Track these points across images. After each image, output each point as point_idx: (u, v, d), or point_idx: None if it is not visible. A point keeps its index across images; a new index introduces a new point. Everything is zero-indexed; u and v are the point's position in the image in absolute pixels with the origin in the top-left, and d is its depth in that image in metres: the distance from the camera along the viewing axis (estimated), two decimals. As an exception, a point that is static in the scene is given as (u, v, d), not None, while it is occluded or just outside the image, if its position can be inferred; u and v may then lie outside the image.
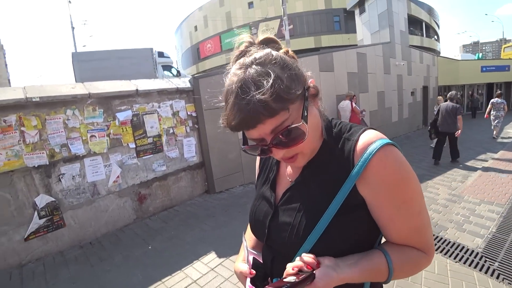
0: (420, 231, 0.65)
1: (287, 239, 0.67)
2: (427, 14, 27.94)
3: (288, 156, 0.64)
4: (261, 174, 0.88)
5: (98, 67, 9.87)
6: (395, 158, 0.61)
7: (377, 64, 9.32)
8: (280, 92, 0.54)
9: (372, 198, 0.62)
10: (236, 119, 0.55)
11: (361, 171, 0.60)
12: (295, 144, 0.60)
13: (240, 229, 3.52)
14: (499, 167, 5.22)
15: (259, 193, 0.83)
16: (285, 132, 0.57)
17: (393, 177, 0.60)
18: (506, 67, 18.27)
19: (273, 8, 24.29)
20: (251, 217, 0.83)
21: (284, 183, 0.77)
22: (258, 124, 0.55)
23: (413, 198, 0.63)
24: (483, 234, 2.96)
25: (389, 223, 0.64)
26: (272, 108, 0.53)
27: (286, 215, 0.70)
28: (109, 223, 3.79)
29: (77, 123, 3.45)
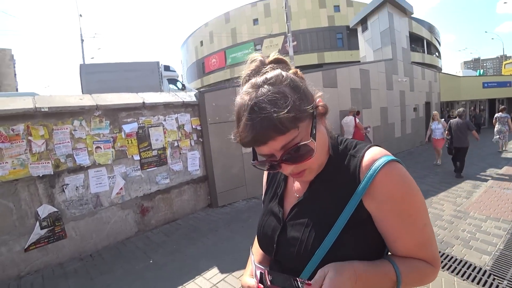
0: (426, 245, 0.66)
1: (295, 254, 0.68)
2: (428, 31, 28.52)
3: (296, 171, 0.66)
4: (268, 189, 0.90)
5: (105, 79, 10.07)
6: (400, 174, 0.63)
7: (380, 80, 9.42)
8: (291, 111, 0.56)
9: (378, 212, 0.64)
10: (249, 136, 0.58)
11: (367, 187, 0.62)
12: (304, 160, 0.62)
13: (243, 244, 3.48)
14: (504, 183, 5.17)
15: (267, 209, 0.84)
16: (294, 149, 0.60)
17: (398, 192, 0.62)
18: (508, 83, 18.40)
19: (277, 25, 24.91)
20: (259, 232, 0.83)
21: (292, 199, 0.78)
22: (269, 141, 0.58)
23: (418, 212, 0.64)
24: (490, 251, 2.90)
25: (395, 237, 0.65)
26: (283, 126, 0.56)
27: (294, 230, 0.71)
28: (110, 235, 3.77)
29: (84, 134, 3.50)
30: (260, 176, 4.18)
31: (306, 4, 24.84)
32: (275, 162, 0.62)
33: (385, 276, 0.63)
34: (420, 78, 12.39)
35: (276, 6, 24.77)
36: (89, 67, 11.01)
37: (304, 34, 24.80)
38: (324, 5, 24.81)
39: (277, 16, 24.98)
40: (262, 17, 26.47)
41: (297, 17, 23.85)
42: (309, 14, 24.94)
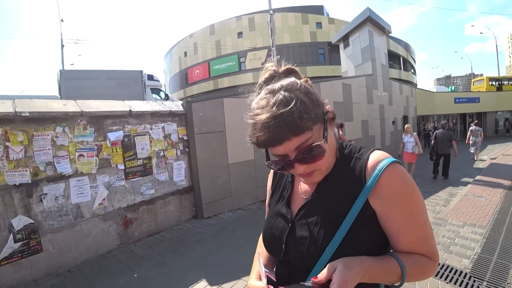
0: (426, 239, 0.71)
1: (305, 252, 0.70)
2: (404, 49, 30.19)
3: (307, 171, 0.69)
4: (274, 193, 0.92)
5: (86, 86, 9.80)
6: (402, 174, 0.68)
7: (361, 95, 9.82)
8: (305, 114, 0.61)
9: (382, 209, 0.68)
10: (265, 136, 0.61)
11: (373, 186, 0.67)
12: (316, 160, 0.66)
13: (231, 256, 3.43)
14: (478, 191, 5.45)
15: (274, 211, 0.86)
16: (308, 150, 0.64)
17: (401, 190, 0.67)
18: (476, 99, 19.77)
19: (261, 38, 25.46)
20: (266, 234, 0.84)
21: (299, 200, 0.81)
22: (285, 141, 0.62)
23: (418, 209, 0.69)
24: (469, 255, 3.03)
25: (399, 232, 0.69)
26: (299, 128, 0.60)
27: (303, 229, 0.73)
28: (91, 248, 3.58)
29: (66, 141, 3.36)
30: (246, 188, 4.29)
31: (290, 20, 25.68)
32: (289, 162, 0.66)
33: (390, 270, 0.66)
34: (398, 93, 13.02)
35: (261, 21, 25.43)
36: (69, 73, 10.70)
37: (288, 48, 25.49)
38: (307, 21, 25.77)
39: (261, 30, 25.59)
40: (246, 30, 27.01)
41: (281, 32, 24.53)
42: (292, 30, 25.76)
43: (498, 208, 4.41)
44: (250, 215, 5.12)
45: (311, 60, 25.80)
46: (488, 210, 4.37)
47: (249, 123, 0.67)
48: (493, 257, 2.93)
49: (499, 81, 22.87)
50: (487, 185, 5.94)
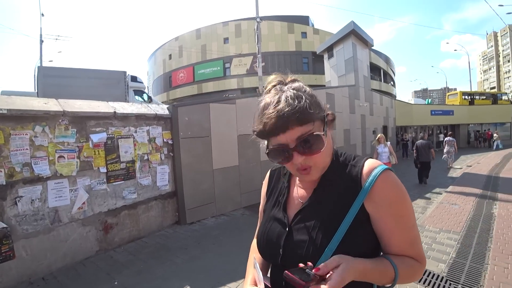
0: (415, 242, 0.76)
1: (304, 256, 0.71)
2: (385, 62, 31.47)
3: (304, 165, 0.72)
4: (269, 199, 0.94)
5: (65, 84, 9.42)
6: (394, 180, 0.73)
7: (344, 104, 10.11)
8: (309, 108, 0.68)
9: (376, 213, 0.72)
10: (273, 124, 0.67)
11: (368, 191, 0.72)
12: (315, 152, 0.70)
13: (215, 262, 3.39)
14: (452, 199, 5.74)
15: (269, 216, 0.87)
16: (308, 139, 0.69)
17: (393, 196, 0.72)
18: (451, 111, 20.91)
19: (247, 45, 25.70)
20: (261, 239, 0.84)
21: (296, 205, 0.83)
22: (288, 130, 0.67)
23: (408, 214, 0.74)
24: (445, 260, 3.18)
25: (390, 235, 0.73)
26: (302, 118, 0.67)
27: (301, 233, 0.75)
28: (67, 255, 3.42)
29: (46, 141, 3.22)
30: (230, 193, 4.29)
31: (276, 29, 26.13)
32: (290, 150, 0.70)
33: (385, 271, 0.70)
34: (378, 103, 13.51)
35: (247, 27, 25.70)
36: (48, 70, 10.25)
37: (273, 56, 25.85)
38: (293, 31, 26.33)
39: (247, 37, 25.84)
40: (232, 36, 27.18)
41: (267, 39, 24.88)
42: (278, 38, 26.21)
43: (470, 215, 4.65)
44: (233, 221, 5.09)
45: (295, 68, 26.27)
46: (461, 217, 4.60)
47: (256, 115, 0.73)
48: (467, 261, 3.09)
49: (471, 95, 24.35)
50: (460, 193, 6.26)
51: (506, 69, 68.47)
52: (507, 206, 5.06)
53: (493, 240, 3.61)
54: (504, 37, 67.81)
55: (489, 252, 3.28)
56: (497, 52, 72.24)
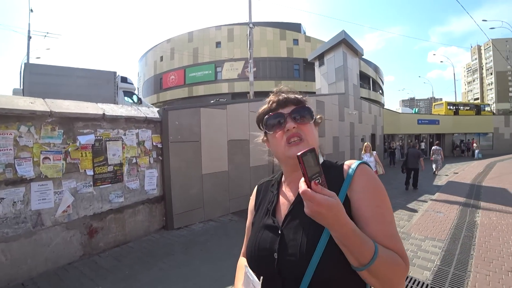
0: (394, 238, 0.72)
1: (298, 255, 0.72)
2: (374, 71, 32.22)
3: (295, 132, 0.81)
4: (257, 211, 0.94)
5: (53, 83, 9.20)
6: (370, 172, 0.81)
7: (333, 112, 10.25)
8: (303, 99, 0.89)
9: (355, 199, 0.76)
10: (275, 102, 0.87)
11: (350, 181, 0.78)
12: (305, 121, 0.83)
13: (202, 269, 3.35)
14: (437, 207, 5.87)
15: (260, 225, 0.87)
16: (300, 109, 0.85)
17: (368, 184, 0.77)
18: (437, 121, 21.53)
19: (239, 50, 25.84)
20: (253, 248, 0.83)
21: (285, 209, 0.84)
22: (286, 107, 0.86)
23: (385, 207, 0.75)
24: (430, 267, 3.23)
25: (366, 223, 0.71)
26: (298, 101, 0.87)
27: (292, 233, 0.76)
28: (49, 260, 3.31)
29: (31, 142, 3.13)
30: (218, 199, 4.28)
31: (268, 35, 26.40)
32: (285, 114, 0.83)
33: (365, 243, 0.65)
34: (367, 112, 13.77)
35: (240, 32, 25.86)
36: (35, 68, 9.99)
37: (264, 62, 26.08)
38: (285, 37, 26.66)
39: (239, 42, 26.00)
40: (225, 41, 27.28)
41: (259, 45, 25.09)
42: (270, 44, 26.48)
43: (454, 223, 4.77)
44: (221, 227, 5.05)
45: (286, 75, 26.58)
46: (446, 225, 4.71)
47: (260, 110, 0.91)
48: (450, 269, 3.15)
49: (456, 106, 25.14)
50: (445, 201, 6.42)
51: (489, 81, 71.14)
52: (489, 214, 5.22)
53: (475, 247, 3.70)
54: (487, 51, 70.60)
55: (472, 259, 3.36)
56: (480, 65, 75.04)
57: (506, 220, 4.83)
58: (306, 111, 0.85)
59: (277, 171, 1.01)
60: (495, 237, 4.05)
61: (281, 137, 0.83)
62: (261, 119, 0.89)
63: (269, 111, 0.87)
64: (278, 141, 0.84)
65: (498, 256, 3.41)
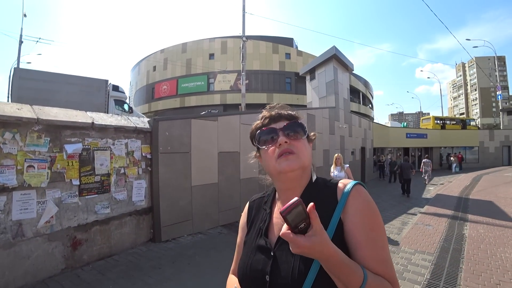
0: (386, 263, 0.73)
1: (290, 279, 0.70)
2: (364, 86, 32.99)
3: (287, 147, 0.80)
4: (250, 230, 0.92)
5: (43, 89, 9.07)
6: (365, 194, 0.78)
7: (324, 125, 10.38)
8: (296, 115, 0.88)
9: (348, 222, 0.74)
10: (268, 117, 0.87)
11: (344, 203, 0.75)
12: (297, 137, 0.82)
13: (189, 284, 3.26)
14: (426, 220, 5.92)
15: (252, 246, 0.85)
16: (292, 124, 0.84)
17: (364, 207, 0.75)
18: (425, 135, 22.07)
19: (232, 62, 26.17)
20: (245, 270, 0.82)
21: (278, 229, 0.82)
22: (279, 122, 0.85)
23: (379, 231, 0.74)
24: (420, 281, 3.23)
25: (359, 246, 0.71)
26: (291, 116, 0.87)
27: (285, 256, 0.74)
28: (29, 273, 3.16)
29: (15, 149, 3.04)
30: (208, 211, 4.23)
31: (261, 48, 26.90)
32: (277, 129, 0.83)
33: (354, 271, 0.66)
34: (357, 125, 13.99)
35: (233, 45, 26.26)
36: (25, 73, 9.86)
37: (257, 74, 26.43)
38: (277, 51, 27.20)
39: (232, 55, 26.37)
40: (218, 53, 27.63)
41: (252, 58, 25.49)
42: (262, 57, 26.94)
43: (443, 236, 4.81)
44: (210, 240, 4.95)
45: (278, 88, 26.96)
46: (435, 237, 4.74)
47: (253, 127, 0.91)
48: (440, 283, 3.15)
49: (443, 120, 25.86)
50: (434, 214, 6.49)
51: (473, 97, 73.73)
52: (477, 227, 5.28)
53: (464, 261, 3.72)
54: (471, 68, 73.51)
55: (461, 273, 3.37)
56: (465, 81, 77.92)
57: (493, 232, 4.90)
58: (299, 126, 0.84)
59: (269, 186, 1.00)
60: (483, 249, 4.09)
61: (273, 152, 0.81)
62: (253, 135, 0.88)
63: (261, 126, 0.86)
64: (270, 157, 0.82)
65: (487, 269, 3.43)
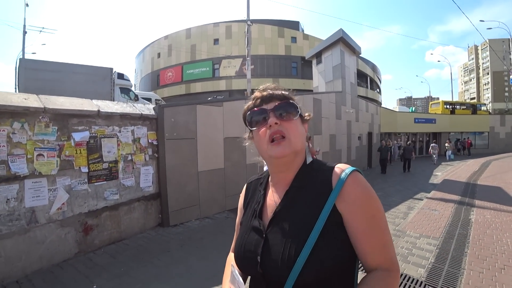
0: (387, 246, 0.74)
1: (280, 262, 0.71)
2: (371, 70, 32.21)
3: (278, 130, 0.78)
4: (246, 210, 0.93)
5: (48, 79, 9.12)
6: (363, 180, 0.76)
7: (330, 110, 10.25)
8: (289, 95, 0.86)
9: (347, 213, 0.73)
10: (260, 97, 0.84)
11: (339, 191, 0.73)
12: (288, 118, 0.80)
13: (197, 266, 3.35)
14: (432, 205, 5.91)
15: (247, 226, 0.86)
16: (283, 104, 0.81)
17: (363, 195, 0.74)
18: (433, 120, 21.64)
19: (237, 47, 25.71)
20: (239, 250, 0.83)
21: (271, 211, 0.82)
22: (270, 102, 0.82)
23: (379, 214, 0.74)
24: (424, 264, 3.27)
25: (363, 235, 0.72)
26: (283, 96, 0.84)
27: (276, 238, 0.75)
28: (44, 257, 3.29)
29: (24, 138, 3.10)
30: (214, 196, 4.29)
31: (266, 32, 26.29)
32: (268, 110, 0.81)
33: None
34: (364, 110, 13.79)
35: (238, 30, 25.73)
36: (31, 63, 9.89)
37: (262, 59, 25.98)
38: (283, 35, 26.56)
39: (237, 39, 25.85)
40: (223, 38, 27.15)
41: (257, 42, 24.98)
42: (268, 42, 26.38)
43: (449, 221, 4.81)
44: (217, 224, 5.05)
45: (284, 72, 26.52)
46: (441, 222, 4.75)
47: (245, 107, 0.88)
48: (444, 266, 3.18)
49: (452, 105, 25.27)
50: (440, 199, 6.47)
51: (485, 81, 71.56)
52: (484, 212, 5.26)
53: (469, 245, 3.73)
54: (484, 51, 70.94)
55: (465, 257, 3.39)
56: (477, 65, 75.44)
57: (500, 218, 4.88)
58: (291, 107, 0.81)
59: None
60: (489, 235, 4.08)
61: (264, 134, 0.79)
62: (245, 116, 0.87)
63: (253, 107, 0.84)
64: (261, 139, 0.81)
65: (492, 253, 3.44)
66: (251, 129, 0.85)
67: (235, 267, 0.84)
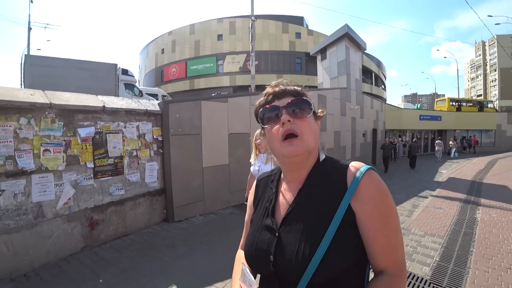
0: (397, 248, 0.74)
1: (294, 261, 0.70)
2: (376, 66, 31.91)
3: (290, 128, 0.76)
4: (256, 208, 0.92)
5: (53, 75, 9.20)
6: (378, 179, 0.75)
7: (335, 106, 10.19)
8: (302, 91, 0.83)
9: (362, 212, 0.72)
10: (272, 93, 0.82)
11: (355, 190, 0.72)
12: (302, 115, 0.78)
13: (202, 261, 3.36)
14: (437, 203, 5.88)
15: (259, 224, 0.85)
16: (297, 101, 0.79)
17: (378, 194, 0.73)
18: (439, 117, 21.42)
19: (241, 43, 25.62)
20: (250, 248, 0.82)
21: (283, 210, 0.81)
22: (283, 98, 0.80)
23: (393, 214, 0.74)
24: (429, 263, 3.25)
25: (374, 236, 0.71)
26: (296, 92, 0.81)
27: (290, 237, 0.74)
28: (51, 251, 3.33)
29: (31, 134, 3.12)
30: (219, 192, 4.29)
31: (270, 28, 26.12)
32: (280, 107, 0.78)
33: None
34: (369, 107, 13.68)
35: (242, 25, 25.59)
36: (36, 59, 9.97)
37: (266, 55, 25.87)
38: (287, 31, 26.38)
39: (241, 35, 25.74)
40: (227, 33, 27.03)
41: (261, 38, 24.83)
42: (272, 37, 26.21)
43: (455, 219, 4.78)
44: (222, 220, 5.07)
45: (288, 68, 26.38)
46: (446, 221, 4.72)
47: (257, 103, 0.86)
48: (450, 265, 3.16)
49: (458, 102, 24.93)
50: (445, 197, 6.42)
51: (492, 78, 70.48)
52: (490, 211, 5.22)
53: (475, 244, 3.71)
54: (491, 47, 69.74)
55: (471, 256, 3.37)
56: (484, 61, 74.24)
57: (507, 217, 4.83)
58: (305, 103, 0.79)
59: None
60: (495, 234, 4.05)
61: (277, 131, 0.77)
62: (257, 113, 0.84)
63: (265, 104, 0.82)
64: (273, 136, 0.78)
65: (498, 253, 3.41)
66: (263, 127, 0.83)
67: (245, 265, 0.83)
